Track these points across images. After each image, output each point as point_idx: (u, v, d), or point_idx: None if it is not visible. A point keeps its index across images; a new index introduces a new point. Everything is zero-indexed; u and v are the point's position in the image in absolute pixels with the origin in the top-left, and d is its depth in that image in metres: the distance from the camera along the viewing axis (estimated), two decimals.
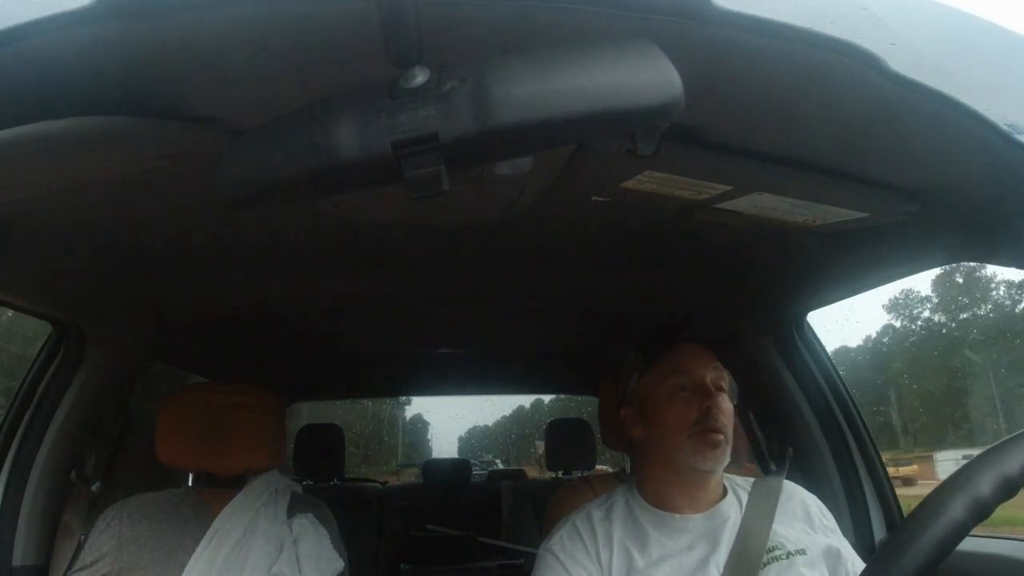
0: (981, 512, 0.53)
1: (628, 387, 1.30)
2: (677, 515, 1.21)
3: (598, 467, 3.56)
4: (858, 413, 1.72)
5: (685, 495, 1.22)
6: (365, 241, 1.35)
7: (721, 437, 1.18)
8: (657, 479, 1.25)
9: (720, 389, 1.21)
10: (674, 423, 1.19)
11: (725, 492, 1.25)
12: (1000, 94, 0.66)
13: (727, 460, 1.20)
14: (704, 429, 1.17)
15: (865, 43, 0.63)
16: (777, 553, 1.15)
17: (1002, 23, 0.70)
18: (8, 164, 0.74)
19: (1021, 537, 1.49)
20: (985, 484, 0.53)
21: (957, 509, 0.52)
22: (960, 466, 0.55)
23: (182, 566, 1.38)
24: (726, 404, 1.21)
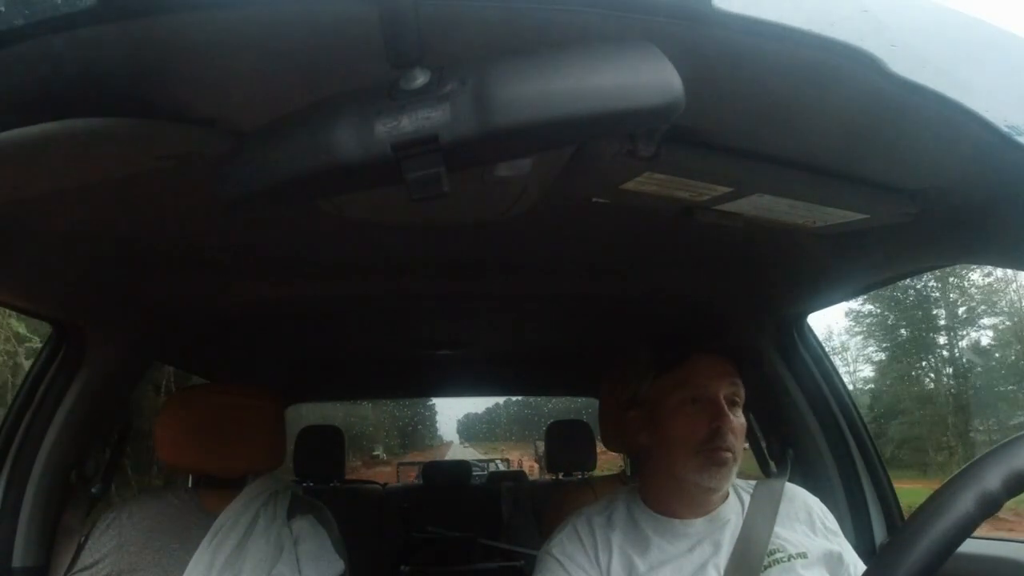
0: (990, 506, 0.54)
1: (640, 390, 1.25)
2: (678, 520, 1.20)
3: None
4: (859, 415, 1.72)
5: (687, 504, 1.21)
6: (365, 242, 1.35)
7: (729, 455, 1.14)
8: (660, 487, 1.23)
9: (735, 404, 1.17)
10: (681, 438, 1.16)
11: (726, 495, 1.24)
12: (1000, 96, 0.66)
13: (733, 478, 1.18)
14: (712, 448, 1.14)
15: (865, 45, 0.63)
16: (778, 556, 1.15)
17: (1002, 25, 0.70)
18: (8, 164, 0.74)
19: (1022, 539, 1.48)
20: (994, 479, 0.54)
21: (967, 503, 0.53)
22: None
23: (182, 568, 1.38)
24: (738, 421, 1.16)
